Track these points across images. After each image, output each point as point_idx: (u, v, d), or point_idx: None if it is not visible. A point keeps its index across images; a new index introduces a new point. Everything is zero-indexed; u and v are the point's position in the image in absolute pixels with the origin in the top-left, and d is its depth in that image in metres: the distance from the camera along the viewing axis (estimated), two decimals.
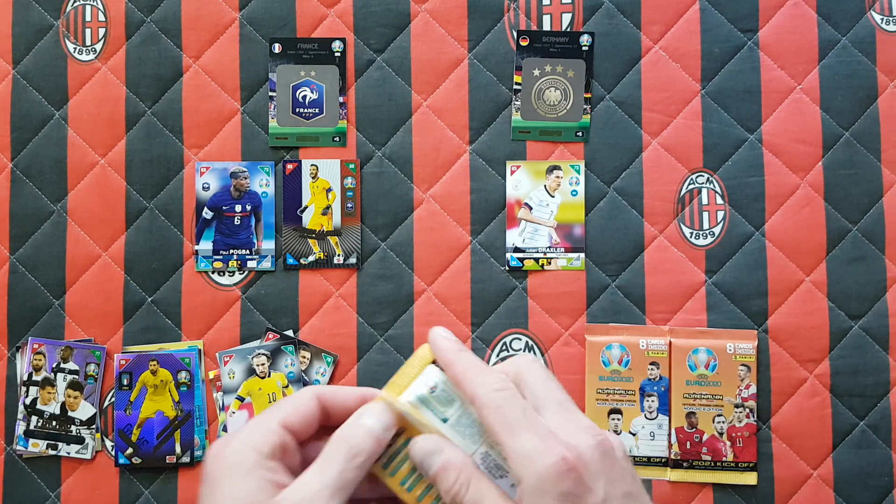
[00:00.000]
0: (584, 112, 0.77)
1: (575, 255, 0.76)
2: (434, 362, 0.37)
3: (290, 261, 0.77)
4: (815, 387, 0.74)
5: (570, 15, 0.77)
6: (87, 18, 0.79)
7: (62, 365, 0.76)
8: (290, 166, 0.77)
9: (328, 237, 0.77)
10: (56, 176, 0.78)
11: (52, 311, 0.77)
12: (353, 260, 0.77)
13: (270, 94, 0.78)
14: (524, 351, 0.75)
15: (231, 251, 0.77)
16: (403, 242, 0.77)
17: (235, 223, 0.77)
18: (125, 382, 0.75)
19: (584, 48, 0.77)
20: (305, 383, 0.75)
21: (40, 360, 0.76)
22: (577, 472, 0.31)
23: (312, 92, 0.78)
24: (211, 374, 0.76)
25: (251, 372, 0.75)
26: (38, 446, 0.75)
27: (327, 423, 0.36)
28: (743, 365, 0.74)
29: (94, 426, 0.75)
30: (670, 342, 0.74)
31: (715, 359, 0.74)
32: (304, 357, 0.76)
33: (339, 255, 0.77)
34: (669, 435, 0.74)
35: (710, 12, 0.77)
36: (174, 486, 0.75)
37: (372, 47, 0.78)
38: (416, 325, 0.76)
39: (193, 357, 0.75)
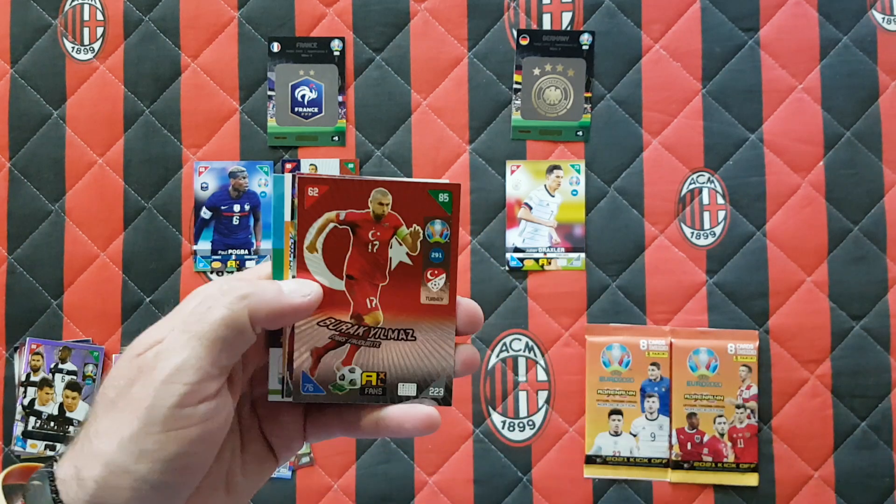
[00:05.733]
0: (585, 111, 0.76)
1: (575, 255, 0.76)
2: None
3: None
4: (817, 387, 0.74)
5: (570, 14, 0.77)
6: (86, 17, 0.78)
7: (60, 365, 0.75)
8: (288, 166, 0.77)
9: None
10: (54, 176, 0.77)
11: (51, 312, 0.77)
12: None
13: (269, 93, 0.77)
14: (524, 350, 0.75)
15: (229, 251, 0.76)
16: None
17: (234, 223, 0.77)
18: None
19: (584, 47, 0.77)
20: None
21: (38, 360, 0.75)
22: None
23: (311, 91, 0.77)
24: None
25: None
26: (36, 447, 0.75)
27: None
28: (744, 365, 0.73)
29: None
30: (671, 342, 0.74)
31: (716, 359, 0.74)
32: None
33: None
34: (670, 436, 0.74)
35: (710, 11, 0.77)
36: None
37: (371, 46, 0.78)
38: None
39: None
